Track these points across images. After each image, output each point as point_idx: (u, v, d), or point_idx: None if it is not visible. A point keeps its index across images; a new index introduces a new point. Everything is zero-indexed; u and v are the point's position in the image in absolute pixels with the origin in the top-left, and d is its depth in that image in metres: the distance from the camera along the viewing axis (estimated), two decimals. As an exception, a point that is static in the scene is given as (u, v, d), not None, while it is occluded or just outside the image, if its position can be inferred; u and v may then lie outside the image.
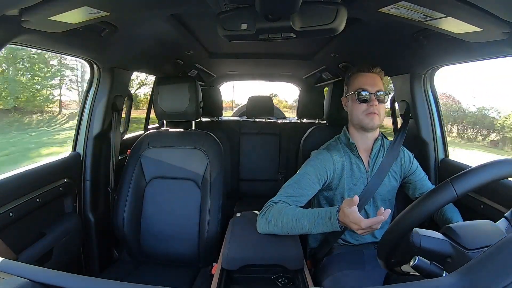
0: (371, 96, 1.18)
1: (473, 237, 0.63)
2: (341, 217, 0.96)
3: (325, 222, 0.99)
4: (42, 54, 3.50)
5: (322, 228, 1.00)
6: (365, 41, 1.51)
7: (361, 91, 1.19)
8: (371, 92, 1.18)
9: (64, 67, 4.10)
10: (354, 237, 1.25)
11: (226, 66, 2.84)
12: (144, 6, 1.08)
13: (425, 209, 0.64)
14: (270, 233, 1.06)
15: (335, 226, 0.98)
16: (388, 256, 0.70)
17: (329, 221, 0.99)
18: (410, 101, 1.59)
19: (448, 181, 0.63)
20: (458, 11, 0.82)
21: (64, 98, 4.25)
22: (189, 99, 1.53)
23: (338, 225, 0.97)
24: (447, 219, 1.17)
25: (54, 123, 3.98)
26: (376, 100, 1.18)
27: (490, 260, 0.48)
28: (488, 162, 0.64)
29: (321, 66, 2.48)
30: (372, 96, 1.18)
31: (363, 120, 1.20)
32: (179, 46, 1.81)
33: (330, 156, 1.21)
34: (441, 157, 1.56)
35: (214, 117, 2.74)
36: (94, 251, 1.55)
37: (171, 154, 1.52)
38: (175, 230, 1.47)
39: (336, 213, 0.98)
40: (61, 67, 4.09)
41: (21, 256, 1.11)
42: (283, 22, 0.92)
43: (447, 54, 1.30)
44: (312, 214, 1.02)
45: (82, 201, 1.52)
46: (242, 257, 0.98)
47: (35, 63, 3.60)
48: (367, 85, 1.19)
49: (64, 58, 3.85)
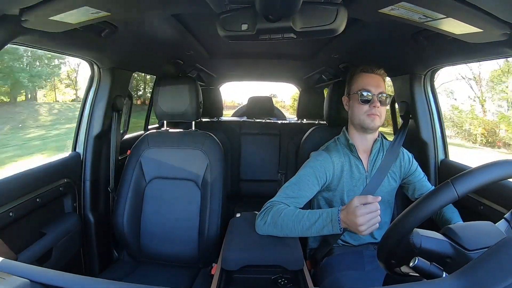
0: (374, 98, 1.18)
1: (473, 237, 0.63)
2: (343, 215, 0.96)
3: (325, 223, 0.99)
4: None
5: (322, 230, 1.00)
6: (365, 41, 1.51)
7: (364, 92, 1.19)
8: (374, 94, 1.18)
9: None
10: (353, 238, 1.25)
11: (226, 67, 2.84)
12: (144, 6, 1.08)
13: (426, 209, 0.63)
14: (269, 234, 1.06)
15: (335, 228, 0.98)
16: (388, 256, 0.70)
17: (330, 223, 0.99)
18: (410, 102, 1.59)
19: (449, 181, 0.63)
20: (458, 12, 0.82)
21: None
22: (189, 100, 1.53)
23: (339, 227, 0.97)
24: (447, 219, 1.17)
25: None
26: (379, 102, 1.18)
27: (490, 261, 0.48)
28: (490, 163, 0.63)
29: (321, 67, 2.48)
30: (375, 98, 1.18)
31: (364, 121, 1.20)
32: (179, 46, 1.81)
33: (329, 158, 1.21)
34: (441, 158, 1.56)
35: (214, 117, 2.74)
36: (94, 251, 1.55)
37: (171, 154, 1.52)
38: (175, 230, 1.46)
39: (338, 214, 0.97)
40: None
41: (21, 256, 1.11)
42: (284, 22, 0.92)
43: (447, 55, 1.30)
44: (312, 216, 1.02)
45: (82, 201, 1.52)
46: (242, 258, 0.98)
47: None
48: (370, 86, 1.19)
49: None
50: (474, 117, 4.61)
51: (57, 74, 4.46)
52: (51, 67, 4.35)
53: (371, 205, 0.92)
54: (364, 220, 0.92)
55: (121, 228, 1.44)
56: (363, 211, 0.92)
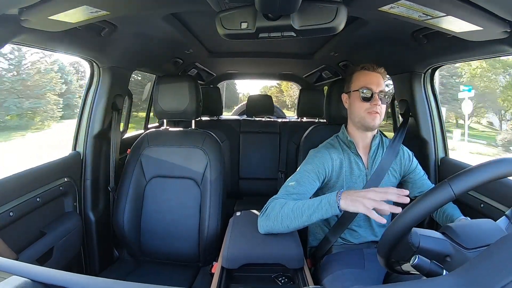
0: (375, 96, 1.18)
1: (473, 236, 0.63)
2: (344, 194, 0.95)
3: (324, 205, 0.97)
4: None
5: (322, 212, 0.97)
6: (365, 40, 1.51)
7: (365, 89, 1.19)
8: (375, 92, 1.18)
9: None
10: (354, 236, 1.25)
11: (226, 65, 2.84)
12: (144, 5, 1.08)
13: (423, 209, 0.64)
14: (270, 230, 1.06)
15: (334, 209, 0.95)
16: (388, 255, 0.70)
17: (328, 204, 0.97)
18: (410, 100, 1.59)
19: (446, 181, 0.63)
20: (458, 10, 0.82)
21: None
22: (189, 98, 1.53)
23: (338, 207, 0.95)
24: (448, 215, 1.17)
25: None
26: (379, 100, 1.18)
27: (490, 259, 0.48)
28: (487, 162, 0.64)
29: (321, 65, 2.48)
30: (376, 96, 1.18)
31: (365, 118, 1.20)
32: (179, 45, 1.81)
33: (328, 154, 1.21)
34: (441, 156, 1.56)
35: (214, 116, 2.74)
36: (95, 250, 1.55)
37: (171, 153, 1.52)
38: (175, 229, 1.47)
39: (336, 195, 0.96)
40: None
41: (22, 255, 1.11)
42: (283, 21, 0.91)
43: (447, 53, 1.30)
44: (311, 201, 1.01)
45: (82, 201, 1.52)
46: (242, 256, 0.98)
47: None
48: (372, 84, 1.19)
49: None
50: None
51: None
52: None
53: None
54: (374, 195, 0.89)
55: (121, 227, 1.45)
56: (377, 190, 0.91)
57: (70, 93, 9.15)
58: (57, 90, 8.50)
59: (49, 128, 8.23)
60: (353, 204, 0.91)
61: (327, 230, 1.26)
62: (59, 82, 8.61)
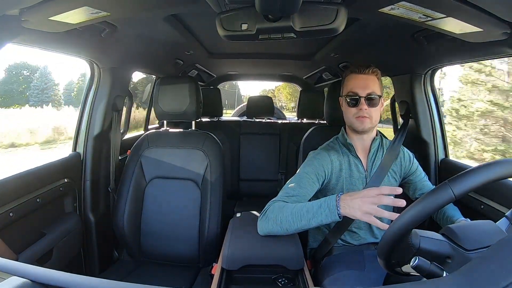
0: (361, 100, 1.16)
1: (473, 237, 0.63)
2: (342, 200, 0.95)
3: (323, 210, 0.97)
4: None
5: (321, 218, 0.97)
6: (365, 41, 1.51)
7: (351, 94, 1.18)
8: (361, 96, 1.16)
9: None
10: (354, 238, 1.25)
11: (226, 66, 2.84)
12: (144, 6, 1.08)
13: (423, 210, 0.64)
14: (270, 232, 1.05)
15: (334, 215, 0.95)
16: (388, 256, 0.70)
17: (327, 209, 0.96)
18: (410, 101, 1.59)
19: (446, 183, 0.63)
20: (458, 11, 0.82)
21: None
22: (189, 99, 1.53)
23: (337, 212, 0.94)
24: (448, 216, 1.17)
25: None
26: (366, 104, 1.16)
27: (490, 260, 0.48)
28: (487, 163, 0.64)
29: (321, 66, 2.49)
30: (362, 100, 1.16)
31: (354, 123, 1.20)
32: (179, 46, 1.81)
33: (328, 155, 1.21)
34: (442, 157, 1.56)
35: (214, 117, 2.74)
36: (95, 251, 1.55)
37: (171, 154, 1.52)
38: (175, 230, 1.47)
39: (335, 200, 0.96)
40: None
41: (21, 256, 1.11)
42: (284, 22, 0.92)
43: (447, 54, 1.30)
44: (311, 205, 1.00)
45: (82, 201, 1.52)
46: (242, 257, 0.97)
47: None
48: (358, 88, 1.17)
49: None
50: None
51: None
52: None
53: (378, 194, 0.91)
54: (368, 199, 0.90)
55: (121, 228, 1.44)
56: (369, 192, 0.92)
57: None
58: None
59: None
60: (352, 212, 0.93)
61: (327, 232, 1.26)
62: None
